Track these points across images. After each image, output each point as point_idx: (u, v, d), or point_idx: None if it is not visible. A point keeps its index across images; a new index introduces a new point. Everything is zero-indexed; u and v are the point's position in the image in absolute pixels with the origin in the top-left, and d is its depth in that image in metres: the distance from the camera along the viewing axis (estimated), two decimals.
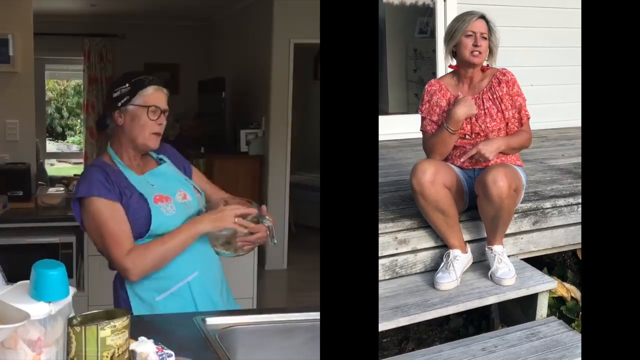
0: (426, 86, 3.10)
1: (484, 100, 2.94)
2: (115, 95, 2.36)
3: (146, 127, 2.34)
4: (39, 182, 4.95)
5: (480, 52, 2.90)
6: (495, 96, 2.94)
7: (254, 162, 6.80)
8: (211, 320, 2.13)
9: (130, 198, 2.30)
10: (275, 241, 2.46)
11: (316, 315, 2.22)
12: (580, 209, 3.28)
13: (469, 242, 3.01)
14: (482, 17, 2.94)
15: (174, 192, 2.39)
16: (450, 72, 3.08)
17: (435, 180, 2.78)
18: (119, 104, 2.34)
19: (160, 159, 2.49)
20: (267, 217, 2.43)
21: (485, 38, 2.91)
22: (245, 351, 2.12)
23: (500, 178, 2.71)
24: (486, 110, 2.93)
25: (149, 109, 2.34)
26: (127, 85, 2.35)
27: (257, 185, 6.78)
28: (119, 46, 9.11)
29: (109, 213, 2.28)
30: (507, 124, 2.95)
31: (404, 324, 2.69)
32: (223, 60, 8.45)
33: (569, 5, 5.38)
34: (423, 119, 3.06)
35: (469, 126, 2.94)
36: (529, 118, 2.98)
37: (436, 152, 2.98)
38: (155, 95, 2.37)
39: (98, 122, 2.50)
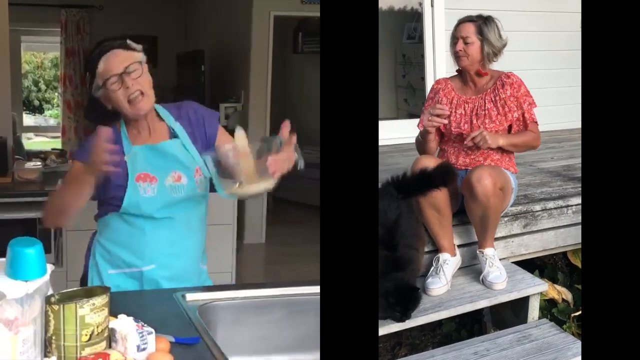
0: (433, 83, 3.16)
1: (486, 101, 2.98)
2: (88, 89, 2.24)
3: (118, 100, 2.19)
4: (16, 157, 4.89)
5: (463, 56, 2.93)
6: (497, 98, 2.96)
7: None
8: (191, 296, 2.14)
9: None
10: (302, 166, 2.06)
11: (294, 290, 2.25)
12: (569, 211, 3.33)
13: (459, 246, 3.03)
14: (470, 20, 2.96)
15: (166, 172, 2.26)
16: (459, 74, 3.10)
17: None
18: (93, 95, 2.22)
19: (173, 129, 2.31)
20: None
21: (468, 42, 2.92)
22: (225, 327, 2.13)
23: (484, 177, 2.75)
24: (486, 112, 2.96)
25: (107, 83, 2.17)
26: (87, 74, 2.23)
27: None
28: (97, 17, 8.98)
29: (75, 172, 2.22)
30: (510, 126, 2.99)
31: (396, 330, 2.70)
32: (202, 32, 8.37)
33: (559, 8, 5.41)
34: (423, 114, 3.08)
35: (467, 125, 2.97)
36: (534, 121, 3.00)
37: (423, 152, 3.08)
38: (107, 66, 2.18)
39: (95, 119, 2.28)
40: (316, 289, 2.24)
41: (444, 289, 2.86)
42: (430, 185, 2.75)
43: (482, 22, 2.96)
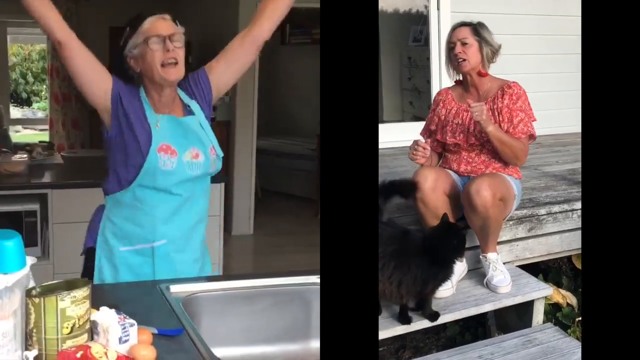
0: (435, 94, 3.15)
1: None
2: (122, 44, 2.28)
3: (153, 60, 2.23)
4: (3, 149, 4.87)
5: (463, 59, 2.89)
6: (495, 107, 2.92)
7: (220, 127, 6.75)
8: (175, 288, 2.13)
9: (136, 132, 2.23)
10: None
11: (279, 280, 2.25)
12: (574, 215, 3.33)
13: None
14: (464, 24, 2.94)
15: (185, 147, 2.28)
16: (460, 83, 3.07)
17: (436, 187, 2.82)
18: (126, 52, 2.27)
19: (188, 107, 2.36)
20: None
21: (466, 44, 2.88)
22: (209, 318, 2.13)
23: (483, 188, 2.73)
24: None
25: (149, 41, 2.24)
26: (127, 29, 2.28)
27: (224, 150, 6.75)
28: (84, 9, 8.92)
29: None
30: None
31: (401, 333, 2.70)
32: (189, 24, 8.30)
33: (562, 12, 5.41)
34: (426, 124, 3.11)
35: (462, 135, 2.96)
36: (526, 134, 2.90)
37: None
38: (153, 26, 2.27)
39: (124, 76, 2.31)
40: (301, 279, 2.26)
41: (449, 292, 2.85)
42: (393, 193, 2.79)
43: (477, 24, 2.94)
